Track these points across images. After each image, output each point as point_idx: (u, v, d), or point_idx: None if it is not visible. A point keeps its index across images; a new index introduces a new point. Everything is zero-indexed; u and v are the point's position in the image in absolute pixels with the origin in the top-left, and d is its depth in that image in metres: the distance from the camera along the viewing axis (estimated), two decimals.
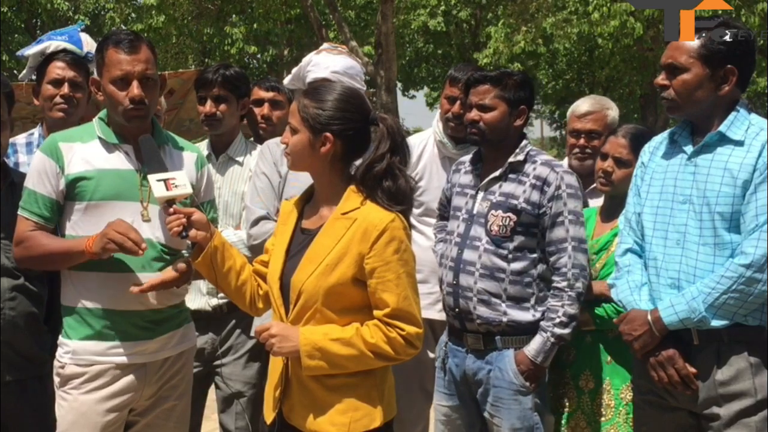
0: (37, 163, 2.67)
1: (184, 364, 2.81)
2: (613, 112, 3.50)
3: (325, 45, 3.56)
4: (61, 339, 2.69)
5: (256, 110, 3.85)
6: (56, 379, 2.67)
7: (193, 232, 2.40)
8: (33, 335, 2.77)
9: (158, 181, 2.49)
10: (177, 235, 2.42)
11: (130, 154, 2.68)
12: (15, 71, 19.16)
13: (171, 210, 2.45)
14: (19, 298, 2.76)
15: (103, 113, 2.75)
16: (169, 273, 2.61)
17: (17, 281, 2.76)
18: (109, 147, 2.68)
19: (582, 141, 3.46)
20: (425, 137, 3.58)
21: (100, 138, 2.68)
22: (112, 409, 2.63)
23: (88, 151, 2.65)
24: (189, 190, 2.55)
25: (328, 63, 3.32)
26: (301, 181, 2.98)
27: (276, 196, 3.20)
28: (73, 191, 2.62)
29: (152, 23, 17.46)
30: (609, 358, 3.02)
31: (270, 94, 3.83)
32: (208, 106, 3.51)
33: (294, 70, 3.44)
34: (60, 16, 21.14)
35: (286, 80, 3.56)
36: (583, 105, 3.51)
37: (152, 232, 2.66)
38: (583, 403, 3.06)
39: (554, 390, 3.14)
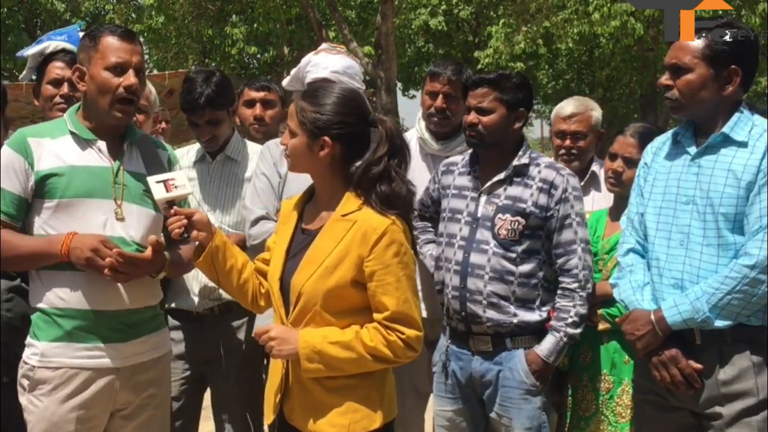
0: (4, 159, 2.55)
1: (161, 371, 2.73)
2: (597, 112, 3.55)
3: (324, 45, 3.52)
4: (29, 339, 2.59)
5: (248, 111, 3.81)
6: (24, 382, 2.57)
7: (194, 233, 2.39)
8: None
9: (158, 182, 2.48)
10: (179, 236, 2.40)
11: (103, 150, 2.61)
12: (15, 71, 19.17)
13: (172, 211, 2.42)
14: (16, 299, 2.74)
15: (73, 109, 2.68)
16: (142, 254, 2.55)
17: (14, 282, 2.74)
18: (81, 143, 2.60)
19: (568, 142, 3.51)
20: (409, 137, 3.56)
21: (72, 133, 2.61)
22: (84, 417, 2.55)
23: (58, 147, 2.57)
24: (189, 190, 2.53)
25: (328, 63, 3.31)
26: (301, 181, 2.97)
27: (276, 197, 3.19)
28: (43, 189, 2.53)
29: (152, 24, 17.47)
30: (627, 357, 3.02)
31: (261, 94, 3.79)
32: (205, 134, 3.42)
33: (293, 72, 3.40)
34: (59, 16, 21.15)
35: (285, 82, 3.50)
36: (567, 107, 3.54)
37: (126, 230, 2.59)
38: (603, 405, 3.06)
39: (573, 393, 3.15)
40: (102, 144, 2.61)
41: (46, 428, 2.53)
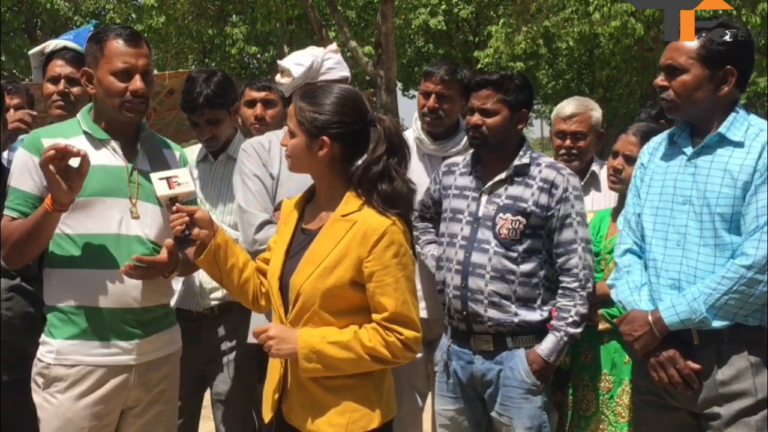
0: (19, 160, 2.58)
1: (171, 367, 2.76)
2: (597, 113, 3.56)
3: (335, 45, 3.46)
4: (43, 338, 2.61)
5: (249, 111, 3.81)
6: (39, 380, 2.58)
7: (196, 231, 2.39)
8: (30, 335, 2.73)
9: (161, 179, 2.48)
10: (180, 233, 2.40)
11: (117, 150, 2.63)
12: (15, 71, 19.17)
13: (174, 208, 2.42)
14: (16, 299, 2.75)
15: (86, 109, 2.69)
16: (158, 256, 2.57)
17: (13, 281, 2.74)
18: (95, 143, 2.62)
19: (568, 142, 3.52)
20: (406, 137, 3.54)
21: (86, 133, 2.63)
22: (99, 414, 2.57)
23: None
24: (192, 187, 2.53)
25: (345, 64, 3.27)
26: (295, 182, 2.96)
27: (270, 198, 3.13)
28: None
29: (152, 23, 17.46)
30: (627, 357, 3.03)
31: (262, 94, 3.78)
32: (204, 134, 3.45)
33: (306, 63, 3.11)
34: (60, 16, 21.14)
35: (298, 72, 3.11)
36: (567, 107, 3.55)
37: (141, 228, 2.62)
38: (603, 404, 3.07)
39: (573, 393, 3.15)
40: (116, 144, 2.63)
41: (60, 425, 2.55)
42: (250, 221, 3.07)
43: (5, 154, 3.22)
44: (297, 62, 3.14)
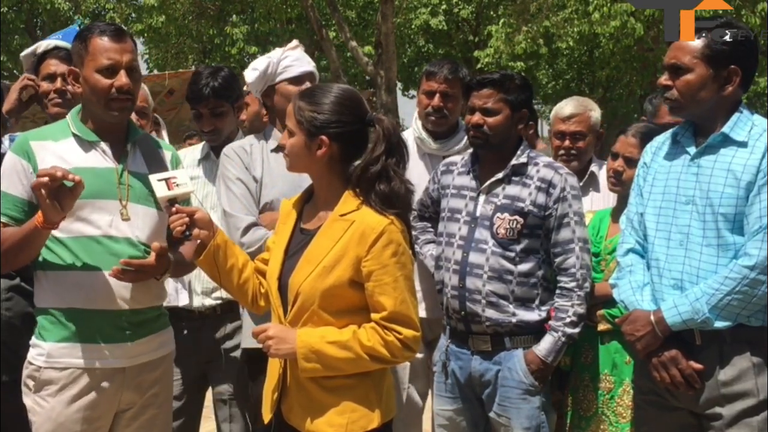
0: (7, 164, 2.55)
1: (164, 370, 2.73)
2: (596, 113, 3.56)
3: (295, 42, 3.38)
4: (34, 340, 2.58)
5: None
6: (30, 383, 2.56)
7: (195, 231, 2.39)
8: (30, 335, 2.71)
9: (159, 180, 2.47)
10: (180, 234, 2.39)
11: (107, 152, 2.61)
12: (15, 71, 19.19)
13: (173, 209, 2.42)
14: (16, 299, 2.74)
15: (75, 110, 2.67)
16: (146, 259, 2.54)
17: (13, 281, 2.73)
18: (85, 144, 2.59)
19: (567, 143, 3.51)
20: (405, 137, 3.53)
21: (75, 135, 2.60)
22: (90, 417, 2.55)
23: (62, 149, 2.56)
24: (191, 188, 2.52)
25: (307, 58, 3.26)
26: (279, 184, 2.95)
27: (255, 201, 3.07)
28: None
29: (152, 23, 17.48)
30: (628, 357, 3.02)
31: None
32: (207, 125, 3.46)
33: (260, 67, 3.13)
34: (61, 15, 21.17)
35: (252, 78, 3.16)
36: (566, 107, 3.55)
37: (132, 231, 2.59)
38: (604, 405, 3.07)
39: (573, 393, 3.15)
40: (105, 145, 2.61)
41: (52, 429, 2.53)
42: (236, 224, 3.01)
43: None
44: (253, 67, 3.17)
